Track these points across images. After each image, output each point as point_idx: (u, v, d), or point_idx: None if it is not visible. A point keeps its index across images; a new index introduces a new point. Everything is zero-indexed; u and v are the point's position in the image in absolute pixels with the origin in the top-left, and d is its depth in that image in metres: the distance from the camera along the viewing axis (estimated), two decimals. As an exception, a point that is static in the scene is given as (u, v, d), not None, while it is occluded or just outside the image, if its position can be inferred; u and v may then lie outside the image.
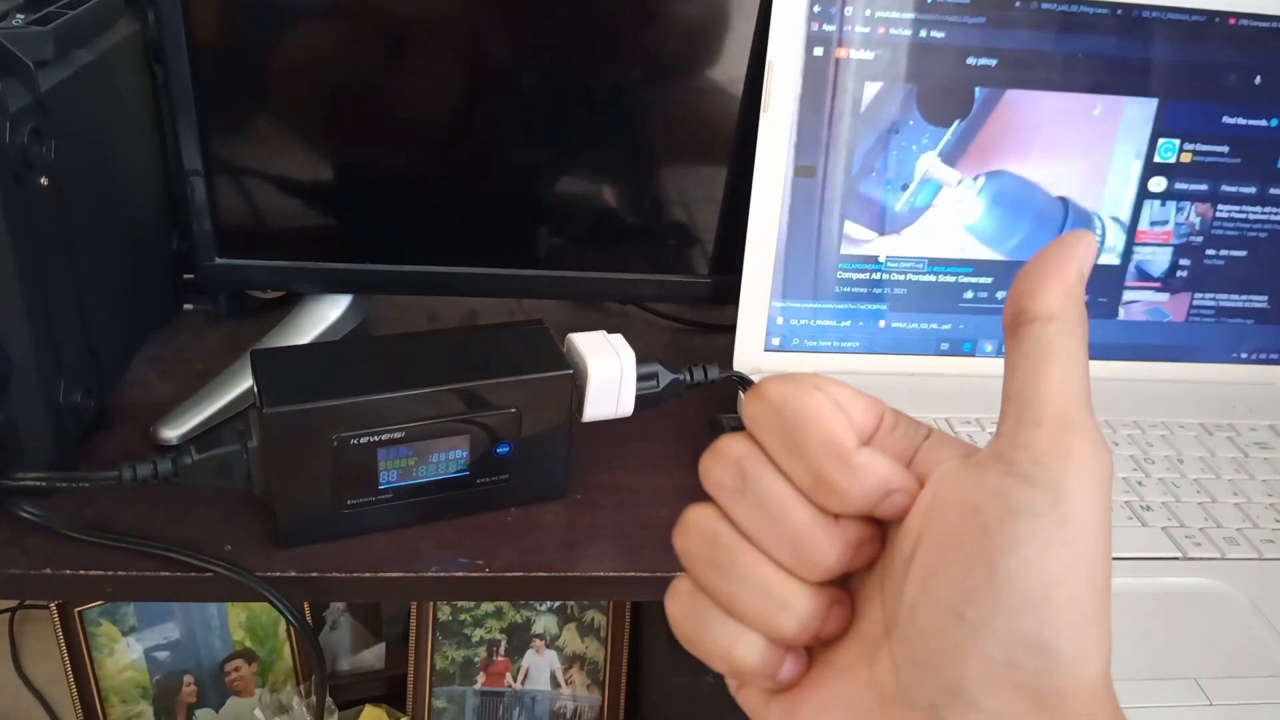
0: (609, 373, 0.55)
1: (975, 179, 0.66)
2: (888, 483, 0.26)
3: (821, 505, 0.27)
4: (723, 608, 0.27)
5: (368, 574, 0.52)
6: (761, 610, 0.27)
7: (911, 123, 0.64)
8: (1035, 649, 0.23)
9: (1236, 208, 0.69)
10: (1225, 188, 0.69)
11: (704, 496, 0.28)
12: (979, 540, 0.24)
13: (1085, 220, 0.68)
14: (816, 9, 0.61)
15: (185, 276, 0.68)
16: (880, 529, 0.28)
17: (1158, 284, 0.70)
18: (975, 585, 0.24)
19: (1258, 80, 0.66)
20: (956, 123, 0.65)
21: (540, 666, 1.00)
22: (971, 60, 0.64)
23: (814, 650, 0.28)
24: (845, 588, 0.28)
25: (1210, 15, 0.64)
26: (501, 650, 0.99)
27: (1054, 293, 0.25)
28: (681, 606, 0.28)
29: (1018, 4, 0.63)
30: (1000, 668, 0.24)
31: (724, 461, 0.28)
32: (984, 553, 0.24)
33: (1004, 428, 0.25)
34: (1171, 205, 0.69)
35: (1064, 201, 0.67)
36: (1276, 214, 0.70)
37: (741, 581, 0.27)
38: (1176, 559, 0.56)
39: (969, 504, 0.25)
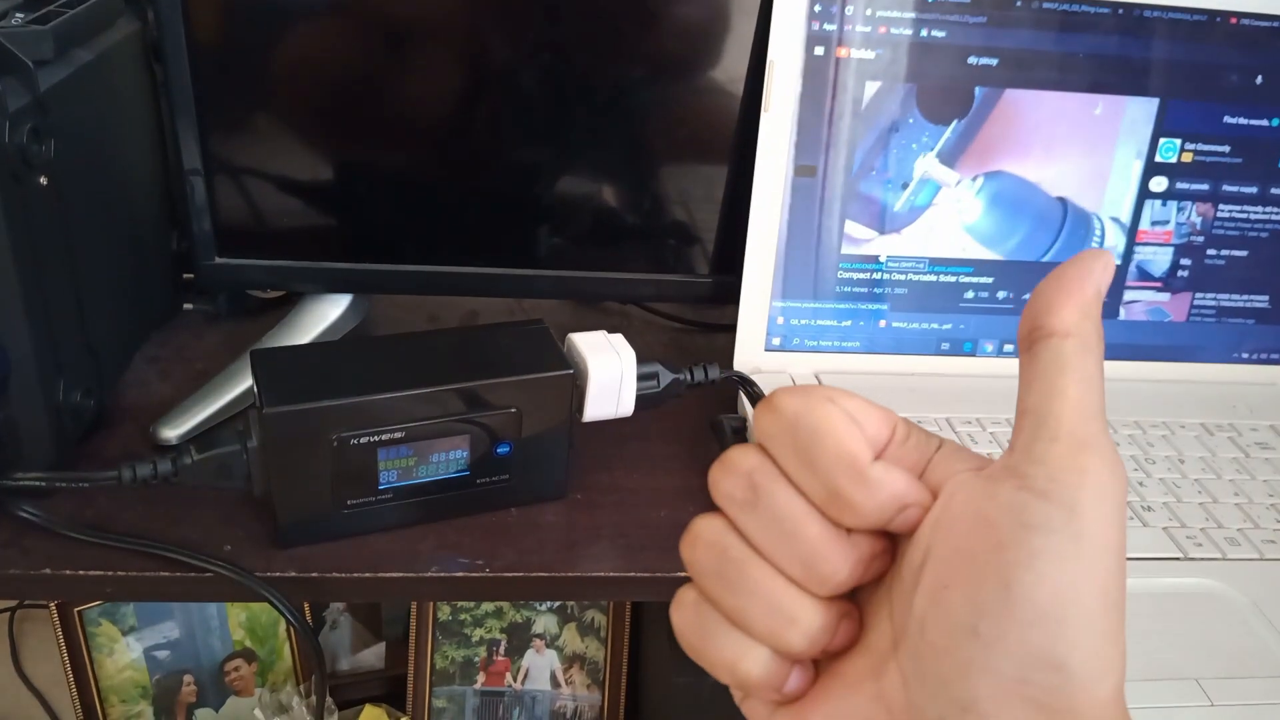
0: (609, 373, 0.55)
1: (975, 179, 0.66)
2: (903, 497, 0.26)
3: (835, 520, 0.26)
4: (730, 620, 0.27)
5: (368, 574, 0.52)
6: (770, 624, 0.26)
7: (911, 122, 0.64)
8: (1049, 665, 0.23)
9: (1237, 207, 0.69)
10: (1226, 187, 0.69)
11: (707, 498, 0.28)
12: (992, 554, 0.24)
13: (1085, 220, 0.68)
14: (817, 8, 0.61)
15: (185, 276, 0.68)
16: (891, 542, 0.27)
17: (1159, 284, 0.70)
18: (988, 599, 0.24)
19: (1259, 80, 0.66)
20: (956, 122, 0.65)
21: (540, 666, 1.00)
22: (972, 60, 0.63)
23: (821, 662, 0.28)
24: (852, 600, 0.28)
25: (1211, 15, 0.64)
26: (501, 650, 0.99)
27: (1071, 309, 0.25)
28: (687, 617, 0.28)
29: (1018, 3, 0.63)
30: (1012, 684, 0.23)
31: (734, 474, 0.27)
32: (997, 567, 0.24)
33: (1018, 442, 0.25)
34: (1172, 205, 0.69)
35: (1063, 202, 0.67)
36: (1277, 214, 0.70)
37: (750, 595, 0.27)
38: (1177, 559, 0.56)
39: (982, 517, 0.24)
